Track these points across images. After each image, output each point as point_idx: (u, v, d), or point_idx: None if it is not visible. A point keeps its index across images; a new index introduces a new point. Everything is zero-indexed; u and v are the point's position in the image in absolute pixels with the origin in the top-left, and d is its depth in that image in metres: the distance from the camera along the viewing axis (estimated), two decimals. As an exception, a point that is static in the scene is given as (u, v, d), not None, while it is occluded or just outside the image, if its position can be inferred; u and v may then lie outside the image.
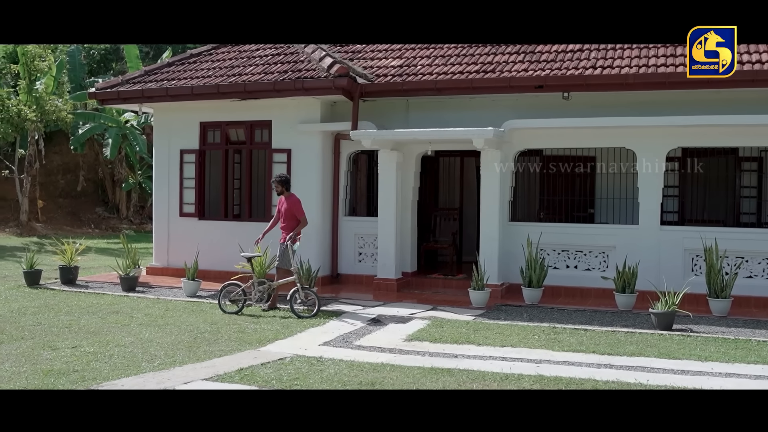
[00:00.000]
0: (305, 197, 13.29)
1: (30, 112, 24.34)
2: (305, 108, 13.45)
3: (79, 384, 6.86)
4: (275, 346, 8.68)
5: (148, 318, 10.28)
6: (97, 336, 9.03)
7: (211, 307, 11.17)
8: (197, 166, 14.30)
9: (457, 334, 9.32)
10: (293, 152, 13.55)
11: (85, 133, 27.62)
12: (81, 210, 29.67)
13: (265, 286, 11.04)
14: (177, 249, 14.24)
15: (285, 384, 6.95)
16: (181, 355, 8.08)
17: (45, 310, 10.84)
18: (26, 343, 8.56)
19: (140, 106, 15.28)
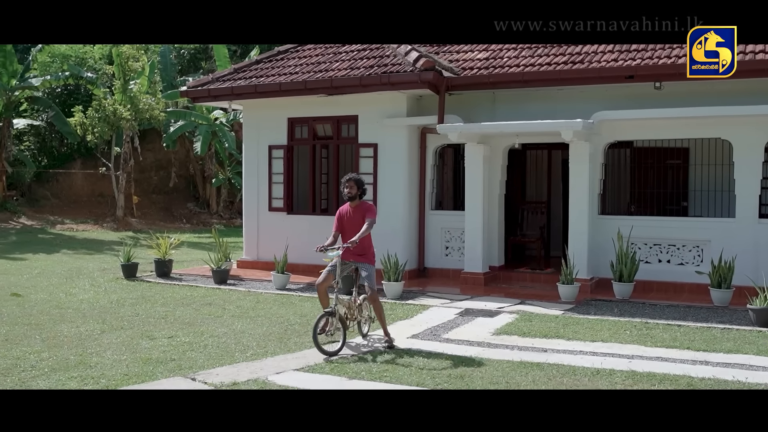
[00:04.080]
0: (392, 192, 13.42)
1: (125, 111, 25.21)
2: (391, 102, 13.50)
3: (176, 372, 7.08)
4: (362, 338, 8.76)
5: (239, 310, 10.52)
6: (191, 327, 9.30)
7: (301, 300, 11.35)
8: (285, 161, 14.54)
9: (546, 328, 9.21)
10: (379, 147, 13.62)
11: (176, 131, 28.40)
12: (173, 205, 30.57)
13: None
14: (266, 243, 14.51)
15: (374, 375, 7.01)
16: (273, 346, 8.25)
17: (142, 301, 11.22)
18: (125, 333, 8.89)
19: (230, 103, 15.63)
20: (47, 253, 18.90)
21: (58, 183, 30.34)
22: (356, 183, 8.58)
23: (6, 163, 27.50)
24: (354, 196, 8.59)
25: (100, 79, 28.40)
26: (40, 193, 29.71)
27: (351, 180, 8.61)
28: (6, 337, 8.66)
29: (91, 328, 9.21)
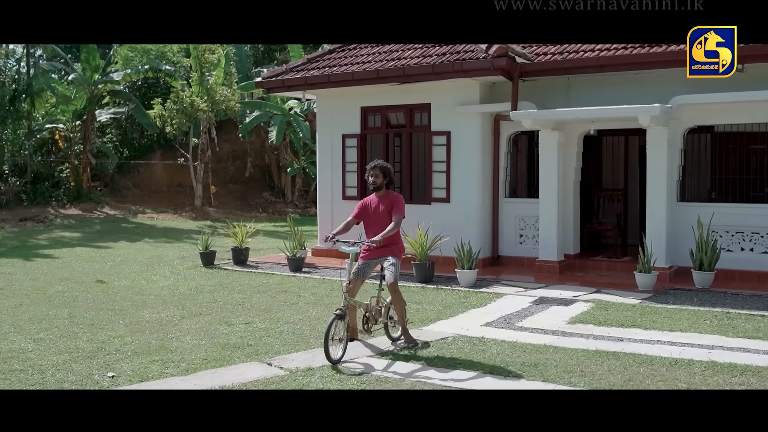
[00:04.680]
0: (465, 180, 13.36)
1: (202, 102, 25.75)
2: (464, 90, 13.43)
3: (252, 357, 7.24)
4: (437, 325, 8.78)
5: (314, 297, 10.66)
6: (268, 313, 9.48)
7: (374, 288, 11.40)
8: (359, 150, 14.63)
9: (622, 317, 9.06)
10: (452, 134, 13.58)
11: (252, 121, 28.84)
12: (249, 195, 31.10)
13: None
14: (340, 231, 14.61)
15: (448, 363, 7.03)
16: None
17: (220, 288, 11.48)
18: (204, 319, 9.11)
19: (303, 93, 15.80)
20: (129, 241, 19.50)
21: (139, 174, 31.21)
22: (382, 171, 7.74)
23: (90, 155, 28.43)
24: (380, 185, 7.76)
25: (178, 72, 29.05)
26: (122, 183, 30.63)
27: (377, 167, 7.76)
28: (92, 321, 8.99)
29: (172, 313, 9.48)
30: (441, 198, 13.74)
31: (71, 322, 8.97)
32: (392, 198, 7.74)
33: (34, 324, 8.90)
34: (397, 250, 7.84)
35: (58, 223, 24.03)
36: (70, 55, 30.34)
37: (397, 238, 7.83)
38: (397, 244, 7.86)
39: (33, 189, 27.87)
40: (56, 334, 8.29)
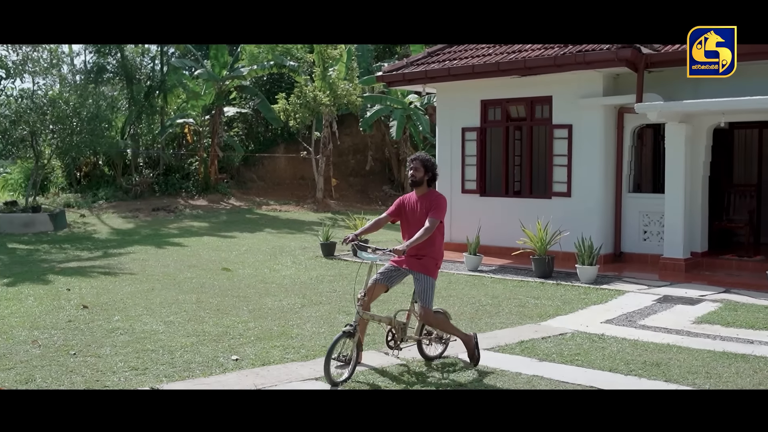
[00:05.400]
0: (587, 174, 13.08)
1: (324, 97, 26.23)
2: (586, 82, 13.13)
3: (370, 346, 7.35)
4: (556, 321, 8.66)
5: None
6: (385, 304, 9.57)
7: (492, 282, 11.37)
8: (478, 143, 14.57)
9: (753, 318, 8.66)
10: (574, 127, 13.31)
11: (372, 115, 29.15)
12: (369, 188, 31.48)
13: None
14: (459, 224, 14.62)
15: (566, 359, 6.93)
16: (464, 325, 8.32)
17: (339, 278, 11.70)
18: (324, 308, 9.33)
19: (424, 87, 15.85)
20: (252, 232, 20.13)
21: (263, 166, 32.16)
22: (423, 164, 6.61)
23: (218, 148, 29.52)
24: (419, 181, 6.60)
25: (302, 68, 29.69)
26: (247, 175, 31.65)
27: (417, 160, 6.66)
28: (218, 307, 9.36)
29: (293, 302, 9.75)
30: (561, 192, 13.50)
31: (199, 307, 9.37)
32: (433, 198, 6.58)
33: (164, 308, 9.36)
34: (430, 264, 6.56)
35: (187, 213, 25.08)
36: (200, 52, 31.53)
37: (432, 248, 6.58)
38: (431, 256, 6.58)
39: (165, 181, 29.22)
40: (185, 318, 8.68)
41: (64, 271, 12.82)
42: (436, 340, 6.93)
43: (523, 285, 11.07)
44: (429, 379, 6.30)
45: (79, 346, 7.37)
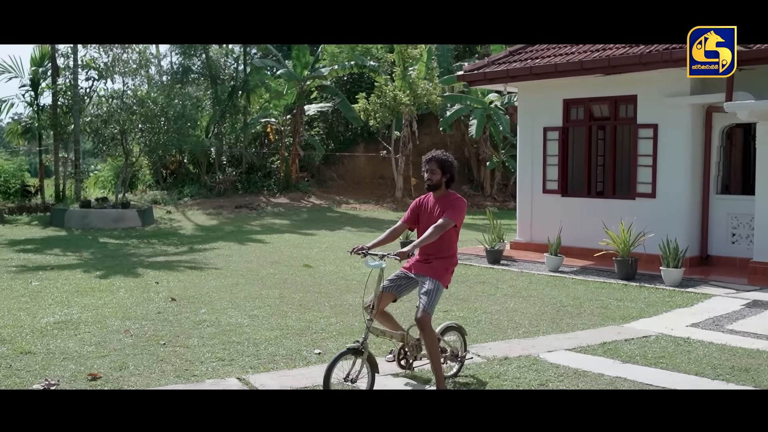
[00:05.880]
0: (672, 174, 12.80)
1: (404, 96, 26.36)
2: (673, 80, 12.83)
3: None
4: (639, 323, 8.51)
5: (512, 289, 10.67)
6: (465, 303, 9.61)
7: (574, 283, 11.24)
8: (560, 143, 14.41)
9: None
10: (659, 127, 13.03)
11: (452, 115, 29.14)
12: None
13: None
14: (540, 225, 14.50)
15: (649, 361, 6.82)
16: (545, 326, 8.30)
17: (419, 277, 11.74)
18: (404, 305, 9.26)
19: (505, 86, 15.76)
20: (332, 230, 20.37)
21: (343, 165, 32.49)
22: (440, 165, 5.96)
23: (299, 147, 29.98)
24: (437, 183, 5.97)
25: (382, 67, 29.89)
26: (327, 174, 32.03)
27: (433, 161, 5.98)
28: (300, 302, 9.54)
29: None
30: (646, 193, 13.23)
31: (281, 301, 9.57)
32: (449, 201, 5.95)
33: (248, 302, 9.58)
34: (440, 267, 5.94)
35: (268, 211, 25.55)
36: (281, 53, 32.05)
37: (443, 251, 5.95)
38: (443, 259, 5.96)
39: (247, 179, 29.83)
40: (268, 312, 8.88)
41: (152, 264, 13.25)
42: (451, 357, 6.26)
43: (605, 286, 10.91)
44: (506, 377, 6.28)
45: (168, 337, 7.63)
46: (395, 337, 6.06)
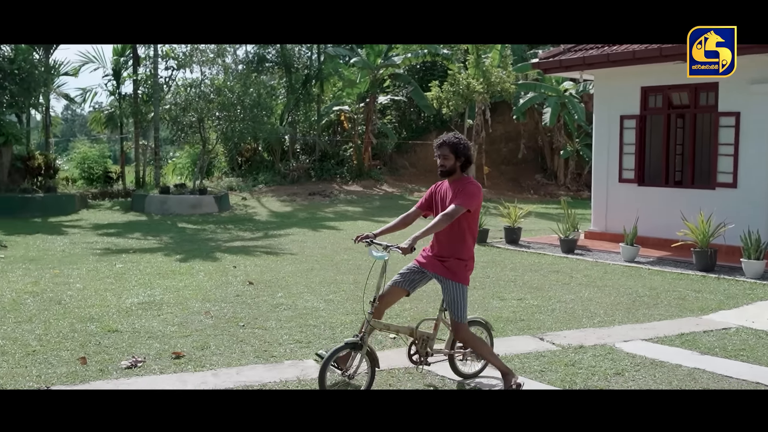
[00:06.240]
0: (755, 164, 12.47)
1: (477, 84, 26.23)
2: (758, 66, 12.42)
3: (525, 331, 7.40)
4: (718, 315, 8.35)
5: (587, 279, 10.57)
6: (539, 291, 9.58)
7: (650, 273, 11.07)
8: (637, 131, 14.16)
9: None
10: (742, 115, 12.67)
11: (526, 103, 28.89)
12: (521, 176, 31.23)
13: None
14: (615, 214, 14.29)
15: (729, 353, 6.70)
16: (620, 315, 8.22)
17: (492, 265, 11.75)
18: (477, 293, 9.41)
19: (581, 74, 15.57)
20: (406, 217, 20.43)
21: (415, 153, 32.53)
22: (453, 149, 5.50)
23: (371, 135, 30.14)
24: (450, 169, 5.53)
25: (455, 55, 29.79)
26: (399, 162, 32.13)
27: (445, 145, 5.53)
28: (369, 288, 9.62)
29: (447, 286, 9.89)
30: (726, 183, 12.90)
31: (356, 287, 9.69)
32: (462, 185, 5.48)
33: (324, 287, 9.75)
34: (458, 267, 5.48)
35: (341, 198, 25.81)
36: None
37: (459, 248, 5.50)
38: (458, 257, 5.50)
39: (320, 166, 30.16)
40: (343, 297, 9.02)
41: (229, 249, 13.57)
42: (471, 355, 5.86)
43: (683, 278, 10.72)
44: (580, 366, 6.26)
45: (247, 319, 7.84)
46: (401, 331, 5.71)
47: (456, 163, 5.49)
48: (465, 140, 5.60)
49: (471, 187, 5.44)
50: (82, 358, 6.27)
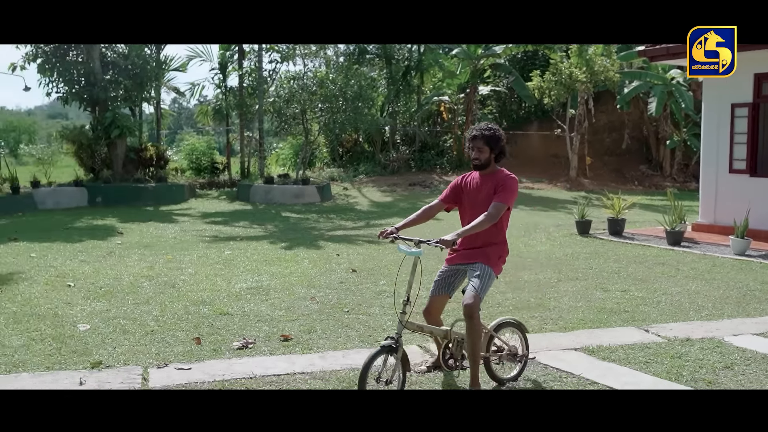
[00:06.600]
0: None
1: (580, 73, 25.77)
2: None
3: (629, 323, 7.32)
4: (836, 310, 8.04)
5: (693, 271, 10.31)
6: (644, 283, 9.41)
7: (762, 267, 10.70)
8: (750, 120, 13.66)
9: None
10: None
11: (630, 92, 28.19)
12: (625, 167, 30.51)
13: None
14: (724, 206, 13.85)
15: None
16: (730, 309, 8.01)
17: (595, 256, 11.60)
18: (580, 284, 9.34)
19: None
20: (506, 208, 20.33)
21: (516, 144, 32.18)
22: (487, 141, 5.23)
23: (472, 126, 30.03)
24: (485, 162, 5.28)
25: (558, 44, 29.34)
26: (500, 153, 31.89)
27: (479, 138, 5.25)
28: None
29: (548, 276, 9.85)
30: None
31: (457, 276, 9.77)
32: (500, 178, 5.24)
33: (425, 275, 9.50)
34: (493, 253, 5.33)
35: (441, 189, 25.72)
36: (457, 32, 32.15)
37: (495, 236, 5.32)
38: (495, 245, 5.35)
39: (420, 157, 30.28)
40: (445, 286, 9.10)
41: (332, 238, 13.86)
42: (508, 357, 5.61)
43: (800, 271, 10.33)
44: (687, 359, 6.15)
45: (351, 305, 8.03)
46: (435, 333, 5.44)
47: (491, 155, 5.26)
48: (500, 131, 5.35)
49: (510, 182, 5.23)
50: (197, 339, 6.59)
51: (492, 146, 5.21)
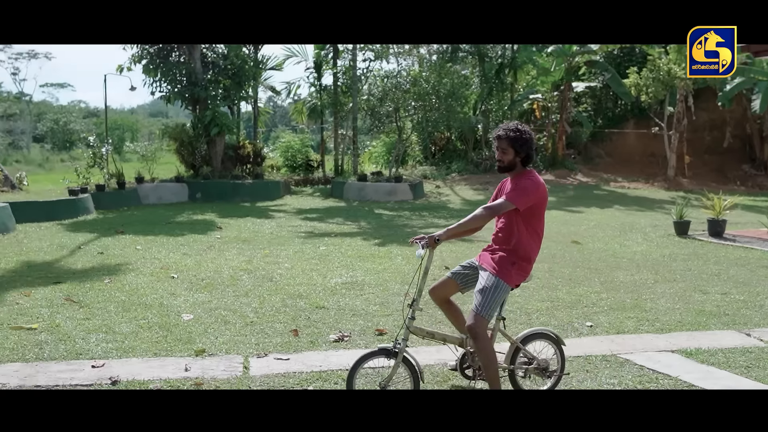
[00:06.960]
0: None
1: (680, 70, 25.08)
2: None
3: (729, 326, 7.15)
4: None
5: (799, 275, 9.97)
6: (746, 286, 9.16)
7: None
8: None
9: None
10: None
11: (733, 89, 27.28)
12: (726, 166, 29.55)
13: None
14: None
15: None
16: (838, 314, 7.73)
17: (694, 258, 11.33)
18: (678, 285, 9.16)
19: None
20: (601, 207, 20.05)
21: (612, 142, 31.64)
22: (511, 143, 4.89)
23: (566, 124, 29.66)
24: (508, 165, 4.94)
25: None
26: (594, 151, 31.38)
27: (504, 139, 4.92)
28: (570, 277, 9.63)
29: (645, 277, 9.69)
30: None
31: (551, 275, 9.72)
32: (518, 180, 4.91)
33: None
34: (503, 262, 4.90)
35: (534, 188, 25.58)
36: (552, 29, 31.80)
37: (505, 241, 4.97)
38: (507, 251, 4.95)
39: (514, 155, 30.02)
40: (539, 285, 9.06)
41: (424, 235, 13.93)
42: (536, 371, 5.20)
43: None
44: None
45: (444, 302, 8.09)
46: (449, 340, 5.16)
47: (515, 158, 4.90)
48: (527, 132, 4.94)
49: (525, 182, 4.86)
50: (294, 331, 6.80)
51: (516, 148, 4.88)
